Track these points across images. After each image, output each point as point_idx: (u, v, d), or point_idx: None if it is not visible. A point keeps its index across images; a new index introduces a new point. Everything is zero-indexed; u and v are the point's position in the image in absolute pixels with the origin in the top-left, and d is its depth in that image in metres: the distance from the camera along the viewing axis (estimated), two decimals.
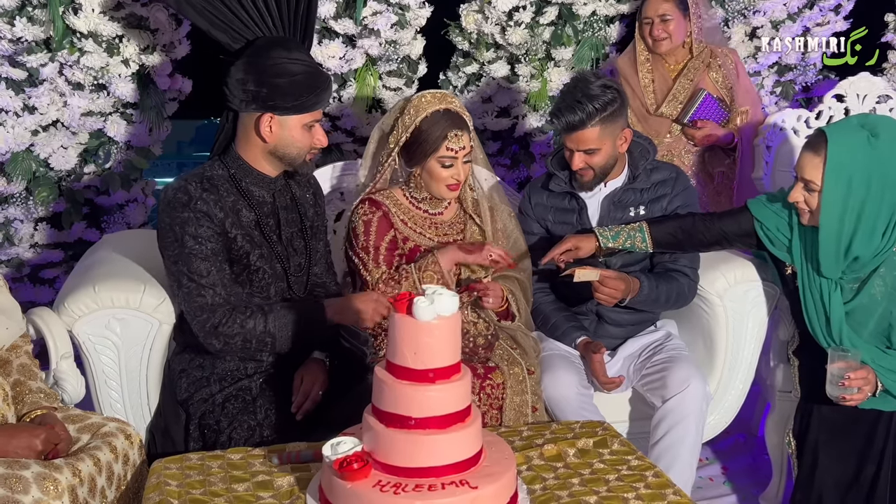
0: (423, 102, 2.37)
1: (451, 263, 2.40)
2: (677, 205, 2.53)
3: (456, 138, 2.35)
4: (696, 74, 3.14)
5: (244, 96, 2.09)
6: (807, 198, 2.22)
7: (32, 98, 2.84)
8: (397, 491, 1.53)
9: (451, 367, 1.60)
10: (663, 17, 3.08)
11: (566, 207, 2.57)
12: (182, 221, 2.05)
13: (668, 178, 2.55)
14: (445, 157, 2.36)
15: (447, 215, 2.52)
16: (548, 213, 2.60)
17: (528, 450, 1.90)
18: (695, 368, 2.43)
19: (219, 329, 2.05)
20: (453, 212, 2.53)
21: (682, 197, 2.54)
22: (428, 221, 2.48)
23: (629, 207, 2.53)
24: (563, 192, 2.57)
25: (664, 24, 3.08)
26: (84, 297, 2.14)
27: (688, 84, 3.14)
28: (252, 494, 1.70)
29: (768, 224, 2.37)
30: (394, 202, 2.47)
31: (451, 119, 2.36)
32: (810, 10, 3.66)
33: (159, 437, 2.15)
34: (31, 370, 1.95)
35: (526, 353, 2.46)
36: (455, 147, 2.35)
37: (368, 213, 2.43)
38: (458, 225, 2.53)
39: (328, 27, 3.16)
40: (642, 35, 3.15)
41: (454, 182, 2.40)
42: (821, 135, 2.19)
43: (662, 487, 1.76)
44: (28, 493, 1.63)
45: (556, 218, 2.59)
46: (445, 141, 2.34)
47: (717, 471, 2.96)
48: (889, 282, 2.20)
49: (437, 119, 2.35)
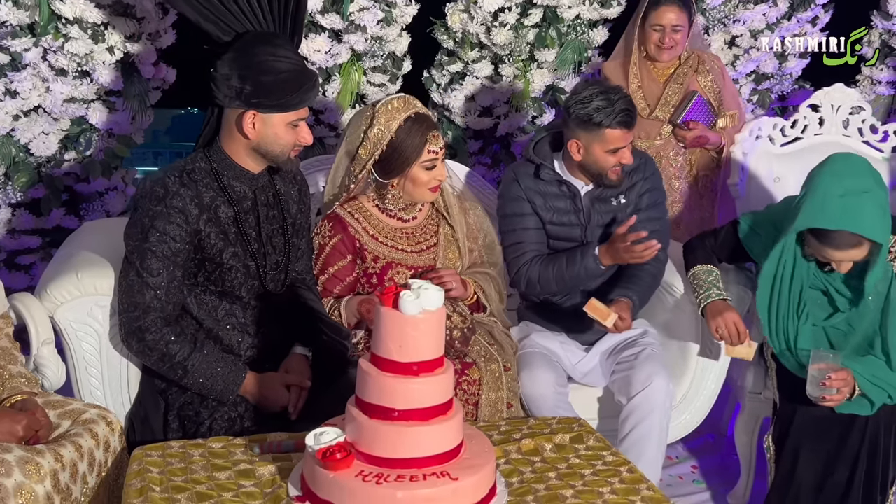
0: (391, 111, 2.34)
1: (352, 316, 2.35)
2: (647, 187, 2.63)
3: (435, 139, 2.36)
4: (686, 79, 3.20)
5: (228, 92, 2.07)
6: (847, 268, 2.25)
7: (14, 83, 2.82)
8: (379, 481, 1.56)
9: (435, 360, 1.64)
10: (675, 27, 3.12)
11: (558, 193, 2.61)
12: (153, 215, 2.04)
13: (638, 166, 2.64)
14: (428, 160, 2.35)
15: (420, 218, 2.51)
16: (537, 198, 2.62)
17: (506, 444, 1.94)
18: (659, 365, 2.48)
19: (145, 335, 2.04)
20: (426, 213, 2.53)
21: (651, 180, 2.65)
22: (399, 232, 2.47)
23: (610, 199, 2.61)
24: (553, 180, 2.62)
25: (675, 33, 3.12)
26: (67, 283, 2.14)
27: (678, 89, 3.19)
28: (234, 482, 1.72)
29: (755, 247, 2.47)
30: (363, 215, 2.44)
31: (424, 122, 2.35)
32: (788, 21, 3.74)
33: (138, 425, 2.15)
34: (11, 354, 1.95)
35: (503, 349, 2.49)
36: (436, 148, 2.36)
37: (326, 237, 2.41)
38: (430, 228, 2.52)
39: (315, 21, 3.17)
40: (643, 40, 3.18)
41: (436, 183, 2.40)
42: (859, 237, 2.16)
43: (636, 483, 1.80)
44: (11, 476, 1.64)
45: (547, 203, 2.62)
46: (427, 144, 2.34)
47: (687, 469, 3.02)
48: (882, 291, 2.27)
49: (410, 126, 2.33)
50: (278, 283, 2.24)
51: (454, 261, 2.53)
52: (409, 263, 2.45)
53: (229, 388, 2.07)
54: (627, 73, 3.21)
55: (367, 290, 2.44)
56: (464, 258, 2.54)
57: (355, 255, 2.41)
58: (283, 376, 2.15)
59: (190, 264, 2.12)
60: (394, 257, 2.43)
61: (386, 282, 2.41)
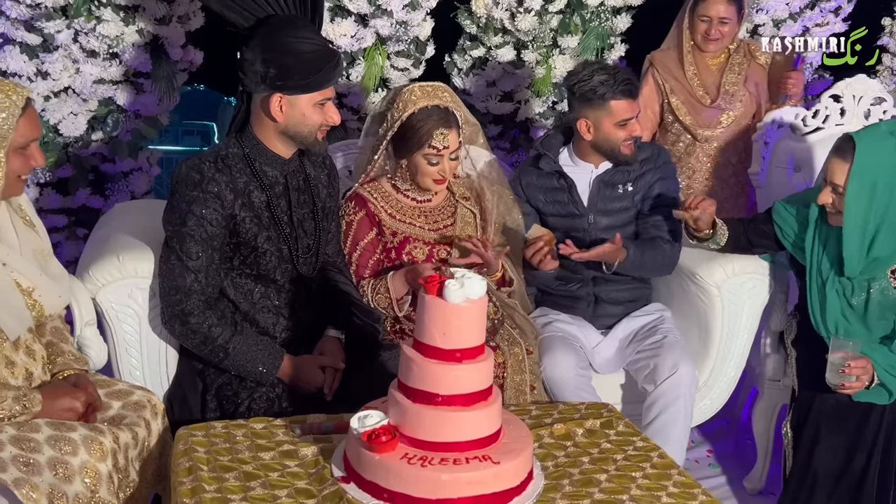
0: (412, 97, 2.37)
1: (402, 288, 2.40)
2: (658, 176, 2.68)
3: (441, 137, 2.36)
4: (744, 69, 3.21)
5: (254, 77, 2.09)
6: (835, 200, 2.31)
7: (46, 64, 2.84)
8: (424, 464, 1.61)
9: (477, 347, 1.68)
10: (723, 19, 3.12)
11: (556, 186, 2.66)
12: (190, 200, 2.08)
13: (650, 156, 2.69)
14: (430, 154, 2.38)
15: (436, 201, 2.55)
16: (538, 193, 2.68)
17: (539, 428, 1.98)
18: (683, 353, 2.53)
19: (188, 318, 2.08)
20: (442, 198, 2.56)
21: (663, 169, 2.69)
22: (416, 210, 2.51)
23: (618, 185, 2.65)
24: (552, 172, 2.66)
25: (722, 25, 3.12)
26: (108, 265, 2.18)
27: (734, 78, 3.20)
28: (278, 462, 1.77)
29: (786, 227, 2.50)
30: (381, 195, 2.49)
31: (440, 116, 2.37)
32: (811, 11, 3.75)
33: (177, 406, 2.19)
34: (63, 334, 2.00)
35: (525, 334, 2.54)
36: (439, 146, 2.37)
37: (351, 214, 2.46)
38: (447, 210, 2.56)
39: (341, 6, 3.18)
40: (692, 29, 3.18)
41: (439, 178, 2.43)
42: (849, 140, 2.28)
43: (667, 468, 1.85)
44: (77, 455, 1.69)
45: (548, 197, 2.68)
46: (431, 139, 2.36)
47: (703, 453, 3.07)
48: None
49: (424, 116, 2.36)
50: (310, 267, 2.28)
51: None
52: (426, 239, 2.50)
53: (268, 370, 2.12)
54: (682, 61, 3.20)
55: (386, 264, 2.49)
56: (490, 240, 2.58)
57: (378, 229, 2.47)
58: (318, 358, 2.20)
59: (226, 248, 2.15)
60: (411, 232, 2.49)
61: (404, 256, 2.47)
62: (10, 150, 1.78)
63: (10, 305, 1.78)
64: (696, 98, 3.20)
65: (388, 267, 2.48)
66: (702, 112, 3.20)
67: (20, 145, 1.80)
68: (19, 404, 1.74)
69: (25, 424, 1.74)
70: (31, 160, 1.84)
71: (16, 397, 1.74)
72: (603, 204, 2.64)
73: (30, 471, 1.66)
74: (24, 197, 1.95)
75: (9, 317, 1.78)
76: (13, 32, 2.80)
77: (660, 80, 3.22)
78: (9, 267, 1.80)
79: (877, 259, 2.31)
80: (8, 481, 1.65)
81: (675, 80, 3.20)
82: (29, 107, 1.81)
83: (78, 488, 1.69)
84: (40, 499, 1.65)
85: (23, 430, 1.73)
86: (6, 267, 1.79)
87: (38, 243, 1.93)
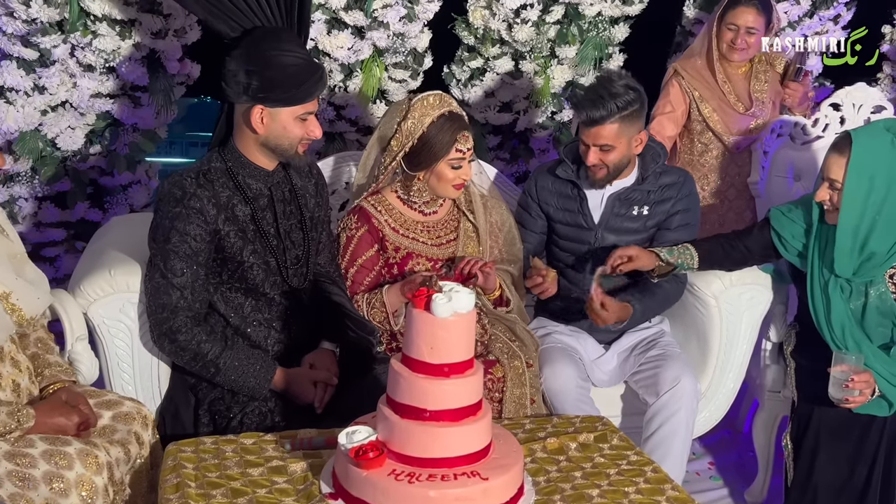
0: (426, 107, 2.38)
1: (397, 301, 2.39)
2: (679, 208, 2.61)
3: (464, 139, 2.39)
4: (767, 76, 3.22)
5: (236, 88, 2.09)
6: (832, 196, 2.31)
7: (43, 78, 2.86)
8: (412, 480, 1.59)
9: (466, 362, 1.66)
10: (750, 29, 3.12)
11: (569, 195, 2.64)
12: (173, 216, 2.07)
13: (675, 182, 2.62)
14: (455, 159, 2.39)
15: (441, 213, 2.54)
16: (551, 198, 2.66)
17: (531, 443, 1.96)
18: (685, 366, 2.51)
19: (176, 336, 2.08)
20: (447, 209, 2.56)
21: (685, 201, 2.62)
22: (420, 225, 2.50)
23: (633, 206, 2.60)
24: (568, 181, 2.64)
25: (748, 35, 3.12)
26: (100, 280, 2.17)
27: (761, 86, 3.22)
28: (267, 479, 1.75)
29: (784, 233, 2.47)
30: (386, 208, 2.48)
31: (457, 121, 2.39)
32: (810, 19, 3.73)
33: (169, 420, 2.18)
34: (47, 343, 1.99)
35: (525, 346, 2.52)
36: (464, 148, 2.39)
37: (353, 229, 2.45)
38: (451, 223, 2.56)
39: (338, 18, 3.19)
40: (718, 37, 3.17)
41: (461, 182, 2.44)
42: (846, 137, 2.29)
43: (661, 482, 1.83)
44: (72, 468, 1.69)
45: (559, 204, 2.65)
46: (456, 143, 2.38)
47: (704, 465, 3.05)
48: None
49: (443, 123, 2.37)
50: (301, 278, 2.27)
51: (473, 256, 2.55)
52: (429, 255, 2.49)
53: (260, 384, 2.11)
54: (713, 69, 3.19)
55: (389, 279, 2.47)
56: (484, 255, 2.57)
57: (380, 244, 2.46)
58: (311, 372, 2.19)
59: (213, 263, 2.15)
60: (414, 248, 2.48)
61: (406, 272, 2.45)
62: None
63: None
64: (730, 105, 3.18)
65: (386, 281, 2.47)
66: (735, 119, 3.18)
67: None
68: (13, 419, 1.73)
69: (20, 440, 1.74)
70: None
71: (10, 412, 1.74)
72: (614, 222, 2.60)
73: (25, 485, 1.66)
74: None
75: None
76: (10, 48, 2.82)
77: (687, 87, 3.20)
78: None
79: (872, 257, 2.29)
80: (4, 497, 1.65)
81: (705, 88, 3.18)
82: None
83: (74, 502, 1.69)
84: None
85: (17, 445, 1.72)
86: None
87: (11, 248, 1.92)
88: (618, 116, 2.43)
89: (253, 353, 2.14)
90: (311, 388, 2.16)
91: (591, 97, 2.45)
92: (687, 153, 3.27)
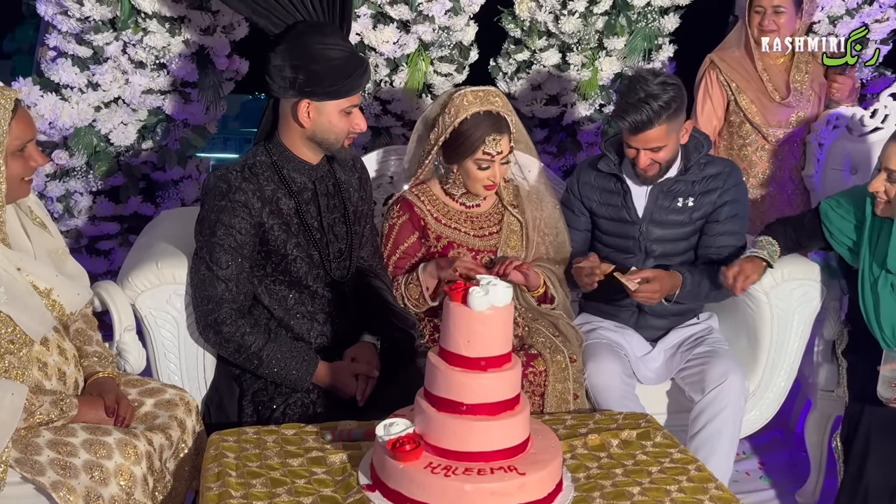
0: (464, 103, 2.37)
1: (432, 280, 2.39)
2: (727, 199, 2.55)
3: (493, 143, 2.36)
4: (809, 67, 3.13)
5: (282, 83, 2.11)
6: (887, 188, 2.25)
7: (96, 75, 2.93)
8: (448, 473, 1.59)
9: (503, 356, 1.66)
10: (777, 8, 3.02)
11: (612, 189, 2.60)
12: (219, 210, 2.11)
13: (721, 172, 2.56)
14: (482, 159, 2.38)
15: (484, 207, 2.54)
16: (594, 193, 2.63)
17: (572, 438, 1.94)
18: (733, 362, 2.45)
19: (221, 327, 2.10)
20: (490, 203, 2.56)
21: (732, 192, 2.56)
22: (464, 216, 2.51)
23: (678, 198, 2.55)
24: (610, 174, 2.60)
25: (776, 15, 3.03)
26: (147, 272, 2.22)
27: (801, 77, 3.12)
28: (306, 469, 1.77)
29: (832, 228, 2.42)
30: (429, 198, 2.50)
31: (492, 122, 2.36)
32: (869, 6, 3.60)
33: (214, 410, 2.22)
34: (86, 334, 2.03)
35: (568, 341, 2.49)
36: (492, 151, 2.37)
37: (395, 217, 2.47)
38: (495, 216, 2.55)
39: (383, 12, 3.19)
40: (750, 24, 3.09)
41: (489, 183, 2.43)
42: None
43: (705, 481, 1.79)
44: (111, 458, 1.73)
45: (602, 199, 2.62)
46: (483, 145, 2.35)
47: (755, 465, 2.98)
48: None
49: (476, 121, 2.35)
50: (344, 271, 2.28)
51: (516, 249, 2.54)
52: (470, 245, 2.49)
53: (303, 376, 2.13)
54: (751, 57, 3.10)
55: None
56: (528, 250, 2.55)
57: (421, 233, 2.47)
58: (353, 365, 2.20)
59: (257, 256, 2.18)
60: (455, 238, 2.48)
61: None
62: (8, 154, 1.79)
63: (29, 308, 1.82)
64: (767, 95, 3.10)
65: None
66: (773, 110, 3.09)
67: (16, 148, 1.81)
68: (56, 408, 1.78)
69: (62, 428, 1.79)
70: (30, 161, 1.85)
71: (53, 401, 1.78)
72: (658, 214, 2.56)
73: (66, 474, 1.71)
74: (33, 198, 1.97)
75: (30, 320, 1.82)
76: (65, 45, 2.90)
77: (724, 79, 3.13)
78: (24, 271, 1.83)
79: None
80: (46, 484, 1.69)
81: (742, 78, 3.10)
82: (19, 108, 1.82)
83: (113, 490, 1.73)
84: (77, 501, 1.69)
85: (59, 433, 1.77)
86: (21, 271, 1.83)
87: (52, 243, 1.96)
88: (664, 117, 2.38)
89: (296, 345, 2.16)
90: (352, 382, 2.17)
91: (632, 102, 2.39)
92: (726, 147, 3.19)
